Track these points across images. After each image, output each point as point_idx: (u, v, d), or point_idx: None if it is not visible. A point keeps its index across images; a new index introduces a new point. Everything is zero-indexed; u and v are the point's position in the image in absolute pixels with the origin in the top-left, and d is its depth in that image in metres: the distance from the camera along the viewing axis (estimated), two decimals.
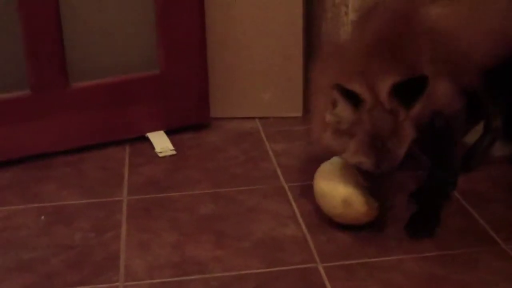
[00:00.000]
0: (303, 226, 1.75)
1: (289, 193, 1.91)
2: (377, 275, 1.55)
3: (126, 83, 2.19)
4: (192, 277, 1.56)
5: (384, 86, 1.49)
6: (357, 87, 1.49)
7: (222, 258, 1.63)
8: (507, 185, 1.89)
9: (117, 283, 1.55)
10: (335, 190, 1.68)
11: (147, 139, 2.22)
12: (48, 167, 2.08)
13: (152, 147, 2.19)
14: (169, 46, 2.19)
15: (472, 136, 2.01)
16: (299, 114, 2.40)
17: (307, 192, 1.90)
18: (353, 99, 1.48)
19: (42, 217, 1.83)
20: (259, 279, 1.55)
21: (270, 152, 2.15)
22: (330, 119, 1.52)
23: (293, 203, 1.86)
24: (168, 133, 2.25)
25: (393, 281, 1.53)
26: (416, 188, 1.81)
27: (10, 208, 1.87)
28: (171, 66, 2.21)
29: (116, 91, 2.18)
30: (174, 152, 2.16)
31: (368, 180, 1.62)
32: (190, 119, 2.29)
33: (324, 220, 1.76)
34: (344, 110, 1.49)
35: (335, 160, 1.74)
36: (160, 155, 2.15)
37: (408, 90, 1.49)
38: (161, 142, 2.20)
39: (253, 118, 2.39)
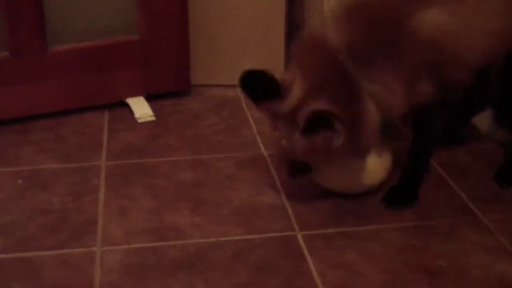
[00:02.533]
0: (282, 194, 1.74)
1: (268, 161, 1.90)
2: (355, 244, 1.55)
3: (105, 47, 2.16)
4: (170, 243, 1.55)
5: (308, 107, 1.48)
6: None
7: (200, 225, 1.62)
8: (487, 159, 1.90)
9: (94, 248, 1.54)
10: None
11: (127, 105, 2.20)
12: (25, 131, 2.06)
13: (132, 113, 2.16)
14: (149, 11, 2.15)
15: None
16: None
17: None
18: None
19: (19, 180, 1.80)
20: (237, 246, 1.55)
21: (250, 120, 2.14)
22: None
23: (272, 171, 1.85)
24: (148, 99, 2.22)
25: (371, 250, 1.53)
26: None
27: None
28: (151, 31, 2.18)
29: (95, 55, 2.15)
30: (153, 119, 2.14)
31: None
32: (170, 85, 2.27)
33: (304, 189, 1.76)
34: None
35: None
36: (140, 121, 2.13)
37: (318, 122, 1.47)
38: (140, 108, 2.17)
39: (234, 86, 2.36)
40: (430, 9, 1.51)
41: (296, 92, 1.53)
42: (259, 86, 1.57)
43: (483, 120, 2.00)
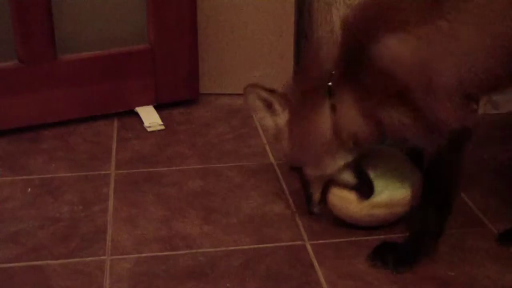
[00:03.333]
0: (292, 204, 1.75)
1: (277, 171, 1.91)
2: (365, 254, 1.55)
3: (115, 56, 2.17)
4: (180, 252, 1.56)
5: None
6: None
7: (210, 234, 1.62)
8: (495, 167, 1.90)
9: (103, 257, 1.54)
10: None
11: (136, 114, 2.21)
12: (36, 140, 2.07)
13: (141, 122, 2.17)
14: (159, 20, 2.17)
15: None
16: None
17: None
18: None
19: (29, 189, 1.81)
20: (247, 255, 1.55)
21: (259, 129, 2.14)
22: None
23: (281, 181, 1.85)
24: (157, 108, 2.23)
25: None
26: None
27: None
28: (161, 40, 2.19)
29: (105, 64, 2.16)
30: (163, 127, 2.15)
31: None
32: (179, 94, 2.28)
33: None
34: None
35: None
36: (149, 129, 2.14)
37: None
38: (150, 117, 2.18)
39: (243, 95, 2.37)
40: (394, 35, 1.40)
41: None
42: None
43: None
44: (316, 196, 1.62)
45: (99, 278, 1.47)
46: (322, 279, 1.47)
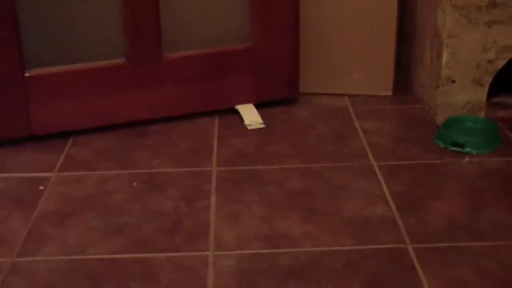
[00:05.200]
0: (393, 206, 1.73)
1: (378, 172, 1.89)
2: (470, 261, 1.52)
3: (218, 55, 2.20)
4: (282, 250, 1.57)
5: None
6: None
7: (312, 234, 1.63)
8: None
9: (207, 252, 1.57)
10: None
11: (237, 112, 2.24)
12: (141, 135, 2.12)
13: (241, 120, 2.20)
14: (262, 20, 2.18)
15: None
16: (388, 93, 2.37)
17: (396, 172, 1.88)
18: None
19: (134, 183, 1.87)
20: (349, 256, 1.55)
21: (359, 130, 2.13)
22: None
23: (382, 183, 1.84)
24: (258, 106, 2.25)
25: (486, 269, 1.50)
26: None
27: (104, 173, 1.92)
28: (263, 39, 2.21)
29: (208, 63, 2.20)
30: (263, 126, 2.17)
31: None
32: (280, 93, 2.29)
33: (414, 202, 1.74)
34: None
35: None
36: (249, 128, 2.16)
37: None
38: (250, 115, 2.21)
39: (342, 95, 2.37)
40: None
41: None
42: None
43: None
44: None
45: (203, 273, 1.50)
46: (425, 285, 1.45)
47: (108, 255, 1.58)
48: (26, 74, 2.03)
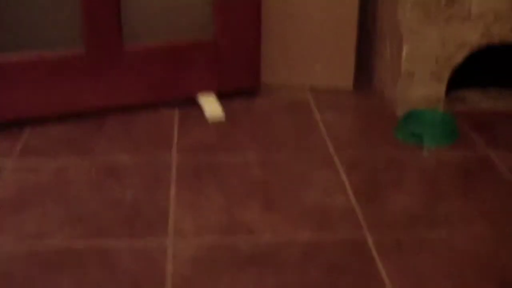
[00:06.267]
0: (352, 197, 1.74)
1: (338, 164, 1.90)
2: (427, 250, 1.54)
3: (179, 46, 2.19)
4: (241, 239, 1.57)
5: None
6: None
7: (271, 223, 1.63)
8: None
9: (166, 241, 1.56)
10: None
11: (197, 103, 2.23)
12: (99, 124, 2.10)
13: (202, 111, 2.19)
14: (224, 12, 2.18)
15: None
16: (349, 86, 2.39)
17: (356, 163, 1.89)
18: None
19: (93, 171, 1.84)
20: (308, 246, 1.55)
21: (320, 122, 2.14)
22: None
23: (342, 174, 1.85)
24: (219, 97, 2.25)
25: (442, 258, 1.52)
26: None
27: (62, 161, 1.90)
28: (224, 31, 2.20)
29: (169, 54, 2.19)
30: (223, 117, 2.17)
31: None
32: (241, 84, 2.29)
33: (373, 192, 1.75)
34: None
35: None
36: (210, 119, 2.16)
37: None
38: (211, 106, 2.20)
39: (304, 87, 2.38)
40: None
41: None
42: None
43: None
44: None
45: (162, 262, 1.49)
46: (384, 274, 1.46)
47: (66, 243, 1.56)
48: None
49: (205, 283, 1.42)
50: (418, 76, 2.12)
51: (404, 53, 2.09)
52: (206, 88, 2.24)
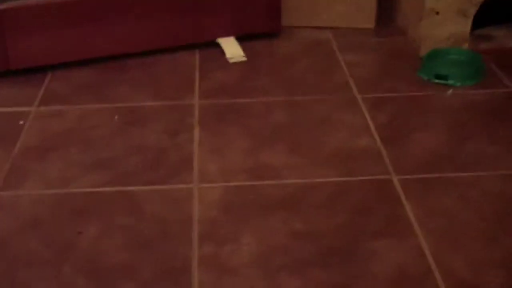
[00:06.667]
0: (377, 138, 1.73)
1: (362, 105, 1.88)
2: (453, 191, 1.53)
3: None
4: (268, 182, 1.57)
5: None
6: None
7: (297, 166, 1.62)
8: None
9: (191, 185, 1.56)
10: None
11: (218, 46, 2.20)
12: (120, 69, 2.09)
13: (223, 53, 2.17)
14: None
15: None
16: (371, 25, 2.35)
17: (380, 104, 1.87)
18: None
19: (116, 117, 1.84)
20: (334, 188, 1.55)
21: (342, 63, 2.11)
22: None
23: (366, 115, 1.83)
24: (239, 40, 2.22)
25: (469, 198, 1.51)
26: None
27: (85, 107, 1.89)
28: None
29: None
30: (245, 59, 2.14)
31: None
32: (261, 26, 2.25)
33: (398, 134, 1.74)
34: None
35: None
36: (231, 61, 2.13)
37: None
38: (232, 48, 2.17)
39: (325, 28, 2.34)
40: None
41: None
42: None
43: None
44: None
45: (188, 205, 1.50)
46: (410, 215, 1.46)
47: (91, 188, 1.56)
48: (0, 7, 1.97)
49: (233, 227, 1.43)
50: (443, 13, 2.07)
51: None
52: (226, 31, 2.21)
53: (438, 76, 1.97)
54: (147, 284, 1.29)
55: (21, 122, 1.81)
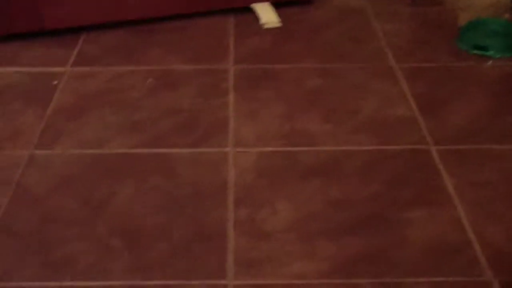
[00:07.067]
0: (414, 108, 1.70)
1: (398, 74, 1.85)
2: (492, 163, 1.50)
3: None
4: (303, 149, 1.55)
5: None
6: None
7: (332, 133, 1.60)
8: None
9: (227, 148, 1.55)
10: None
11: (252, 11, 2.17)
12: (153, 32, 2.07)
13: (257, 19, 2.14)
14: None
15: None
16: None
17: (417, 74, 1.84)
18: None
19: (150, 79, 1.82)
20: (369, 156, 1.53)
21: (378, 31, 2.07)
22: None
23: (402, 84, 1.80)
24: (274, 7, 2.18)
25: (508, 170, 1.48)
26: None
27: (117, 69, 1.88)
28: None
29: None
30: (279, 25, 2.11)
31: None
32: None
33: (435, 103, 1.71)
34: None
35: None
36: (265, 26, 2.10)
37: None
38: (267, 14, 2.14)
39: None
40: None
41: None
42: None
43: None
44: None
45: (223, 169, 1.48)
46: (449, 185, 1.43)
47: (125, 149, 1.55)
48: None
49: (268, 193, 1.42)
50: None
51: None
52: None
53: (477, 47, 1.93)
54: (181, 246, 1.29)
55: (55, 82, 1.80)
